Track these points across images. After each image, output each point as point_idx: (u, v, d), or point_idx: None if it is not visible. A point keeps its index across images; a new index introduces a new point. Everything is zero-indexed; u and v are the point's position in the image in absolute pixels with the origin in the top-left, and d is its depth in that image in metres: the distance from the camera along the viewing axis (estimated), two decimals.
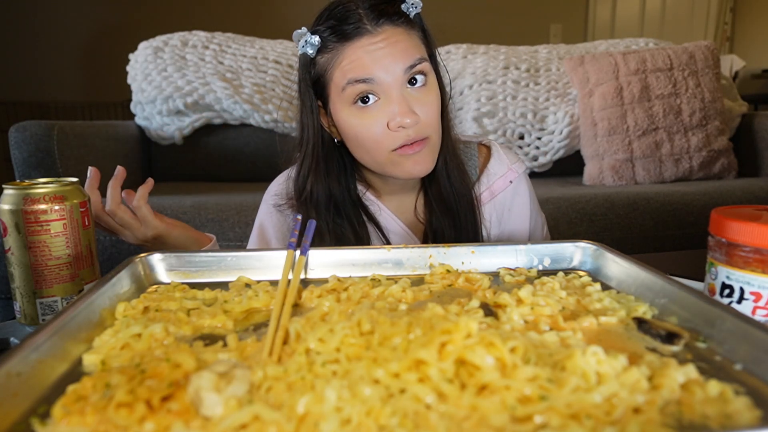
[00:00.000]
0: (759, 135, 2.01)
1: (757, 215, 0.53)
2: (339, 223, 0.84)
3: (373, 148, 0.78)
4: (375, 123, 0.76)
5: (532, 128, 2.00)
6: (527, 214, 0.94)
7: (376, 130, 0.76)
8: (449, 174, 0.86)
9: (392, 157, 0.78)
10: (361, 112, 0.76)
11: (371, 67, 0.74)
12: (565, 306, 0.50)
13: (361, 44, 0.75)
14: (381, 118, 0.76)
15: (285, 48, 2.06)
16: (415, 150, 0.77)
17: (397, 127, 0.75)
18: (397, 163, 0.78)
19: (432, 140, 0.79)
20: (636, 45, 2.20)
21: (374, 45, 0.74)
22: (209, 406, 0.33)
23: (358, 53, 0.75)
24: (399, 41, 0.76)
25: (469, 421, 0.32)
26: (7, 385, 0.35)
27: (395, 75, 0.75)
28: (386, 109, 0.75)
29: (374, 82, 0.75)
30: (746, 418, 0.33)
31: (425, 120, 0.77)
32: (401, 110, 0.75)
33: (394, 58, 0.75)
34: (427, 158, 0.79)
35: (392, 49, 0.75)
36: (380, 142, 0.77)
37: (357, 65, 0.75)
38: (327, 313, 0.47)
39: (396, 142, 0.76)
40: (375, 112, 0.76)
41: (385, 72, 0.74)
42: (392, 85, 0.75)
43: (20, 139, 1.54)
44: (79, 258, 0.66)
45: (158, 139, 1.99)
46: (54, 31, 3.10)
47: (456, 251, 0.64)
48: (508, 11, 3.59)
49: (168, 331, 0.45)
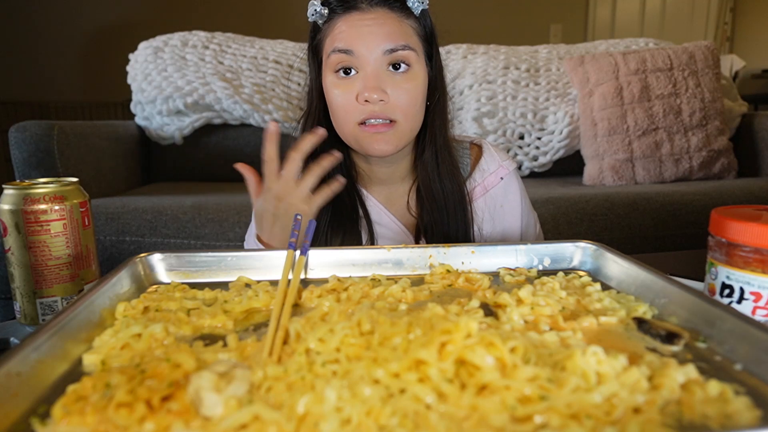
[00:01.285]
0: (759, 135, 2.01)
1: (757, 215, 0.53)
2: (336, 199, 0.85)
3: (342, 118, 0.82)
4: (347, 93, 0.80)
5: (532, 128, 1.99)
6: (519, 211, 0.95)
7: (346, 100, 0.80)
8: (440, 172, 0.88)
9: (356, 132, 0.81)
10: (340, 82, 0.81)
11: (353, 40, 0.79)
12: (565, 306, 0.50)
13: (351, 18, 0.80)
14: (353, 89, 0.80)
15: (285, 48, 2.06)
16: (377, 130, 0.80)
17: (364, 101, 0.79)
18: (361, 139, 0.82)
19: (399, 126, 0.81)
20: (636, 45, 2.20)
21: (362, 21, 0.79)
22: (209, 406, 0.33)
23: (346, 26, 0.80)
24: (387, 23, 0.80)
25: (469, 421, 0.32)
26: (7, 385, 0.35)
27: (374, 53, 0.79)
28: (359, 83, 0.80)
29: (353, 55, 0.79)
30: (746, 418, 0.33)
31: (395, 102, 0.80)
32: (369, 85, 0.78)
33: (376, 37, 0.79)
34: (390, 140, 0.82)
35: (377, 29, 0.79)
36: (348, 113, 0.81)
37: (342, 36, 0.80)
38: (327, 313, 0.47)
39: (360, 116, 0.80)
40: (350, 83, 0.80)
41: (365, 48, 0.78)
42: (369, 61, 0.79)
43: (20, 139, 1.54)
44: (79, 258, 0.66)
45: (158, 139, 1.99)
46: (54, 31, 3.10)
47: (456, 251, 0.64)
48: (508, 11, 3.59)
49: (168, 331, 0.45)
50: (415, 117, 0.83)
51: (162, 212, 1.42)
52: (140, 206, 1.45)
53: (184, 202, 1.47)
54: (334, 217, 0.86)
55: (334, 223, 0.86)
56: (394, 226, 0.90)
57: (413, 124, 0.83)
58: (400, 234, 0.90)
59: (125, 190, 1.86)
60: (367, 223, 0.88)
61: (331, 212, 0.86)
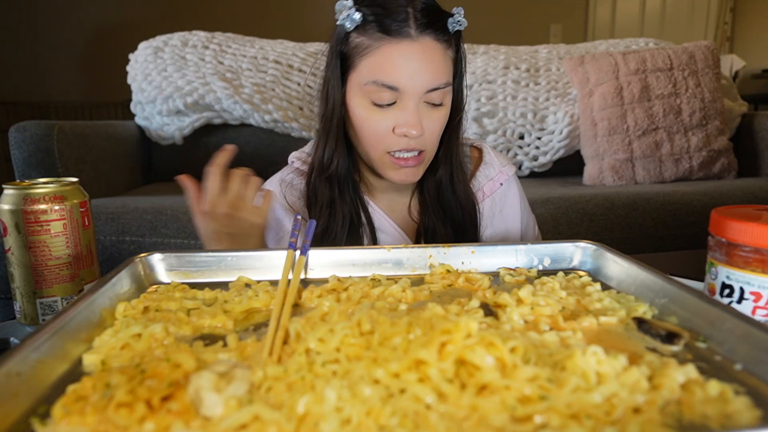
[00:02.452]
0: (759, 135, 2.01)
1: (757, 215, 0.53)
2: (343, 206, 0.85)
3: (372, 144, 0.79)
4: (382, 123, 0.77)
5: (532, 128, 1.99)
6: (518, 216, 0.95)
7: (380, 129, 0.77)
8: (455, 188, 0.87)
9: (385, 159, 0.80)
10: (373, 109, 0.77)
11: (400, 75, 0.75)
12: (565, 306, 0.50)
13: (400, 48, 0.74)
14: (389, 120, 0.77)
15: (285, 48, 2.06)
16: (409, 164, 0.79)
17: (402, 135, 0.77)
18: (388, 167, 0.80)
19: (427, 155, 0.81)
20: (636, 45, 2.20)
21: (412, 53, 0.74)
22: (209, 406, 0.33)
23: (393, 56, 0.74)
24: (435, 59, 0.76)
25: (469, 421, 0.32)
26: (7, 385, 0.35)
27: (418, 89, 0.76)
28: (397, 115, 0.77)
29: (398, 91, 0.75)
30: (746, 418, 0.33)
31: (428, 135, 0.79)
32: (412, 122, 0.76)
33: (424, 75, 0.75)
34: (417, 173, 0.82)
35: (426, 65, 0.75)
36: (380, 142, 0.78)
37: (388, 68, 0.75)
38: (327, 313, 0.47)
39: (395, 146, 0.78)
40: (386, 113, 0.77)
41: (411, 83, 0.75)
42: (412, 96, 0.76)
43: (20, 139, 1.54)
44: (79, 258, 0.66)
45: (158, 139, 1.99)
46: (54, 31, 3.10)
47: (456, 251, 0.64)
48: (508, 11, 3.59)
49: (168, 331, 0.45)
50: (437, 143, 0.83)
51: (162, 212, 1.42)
52: (140, 206, 1.45)
53: (184, 202, 1.47)
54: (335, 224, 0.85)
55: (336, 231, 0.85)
56: (395, 232, 0.90)
57: (435, 149, 0.83)
58: (400, 240, 0.90)
59: (125, 190, 1.86)
60: (370, 230, 0.87)
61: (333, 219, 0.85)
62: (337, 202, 0.85)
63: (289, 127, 1.94)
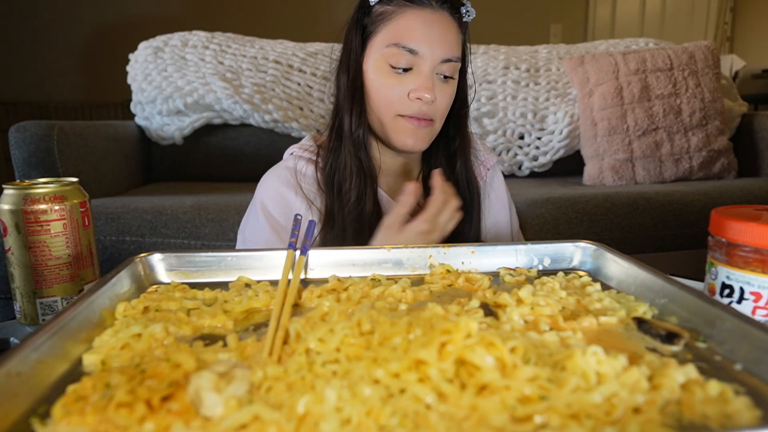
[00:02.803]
0: (759, 135, 2.01)
1: (757, 215, 0.53)
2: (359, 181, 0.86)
3: (384, 107, 0.82)
4: (397, 88, 0.80)
5: (532, 128, 1.99)
6: (506, 199, 0.99)
7: (394, 94, 0.81)
8: (468, 177, 0.90)
9: (397, 121, 0.82)
10: (390, 74, 0.81)
11: (422, 40, 0.79)
12: (565, 306, 0.50)
13: (423, 14, 0.79)
14: (405, 86, 0.80)
15: (285, 48, 2.06)
16: (420, 124, 0.82)
17: (416, 98, 0.80)
18: (398, 130, 0.82)
19: (435, 126, 0.84)
20: (636, 45, 2.20)
21: (432, 22, 0.79)
22: (209, 406, 0.33)
23: (417, 20, 0.79)
24: (451, 31, 0.81)
25: (469, 421, 0.32)
26: (7, 385, 0.35)
27: (436, 57, 0.79)
28: (413, 80, 0.80)
29: (417, 55, 0.79)
30: (746, 418, 0.33)
31: (437, 105, 0.82)
32: (426, 85, 0.79)
33: (442, 42, 0.79)
34: (425, 138, 0.84)
35: (444, 34, 0.80)
36: (393, 105, 0.81)
37: (410, 31, 0.79)
38: (327, 313, 0.47)
39: (407, 110, 0.81)
40: (402, 78, 0.80)
41: (430, 49, 0.79)
42: (428, 63, 0.79)
43: (20, 139, 1.54)
44: (79, 258, 0.66)
45: (158, 139, 1.99)
46: (54, 31, 3.10)
47: (456, 251, 0.64)
48: (508, 11, 3.59)
49: (168, 331, 0.45)
50: (444, 117, 0.86)
51: (162, 212, 1.42)
52: (140, 206, 1.45)
53: (184, 202, 1.47)
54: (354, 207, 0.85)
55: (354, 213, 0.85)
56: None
57: (441, 125, 0.86)
58: None
59: (125, 190, 1.86)
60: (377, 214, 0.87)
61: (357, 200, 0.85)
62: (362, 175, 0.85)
63: (289, 127, 1.94)
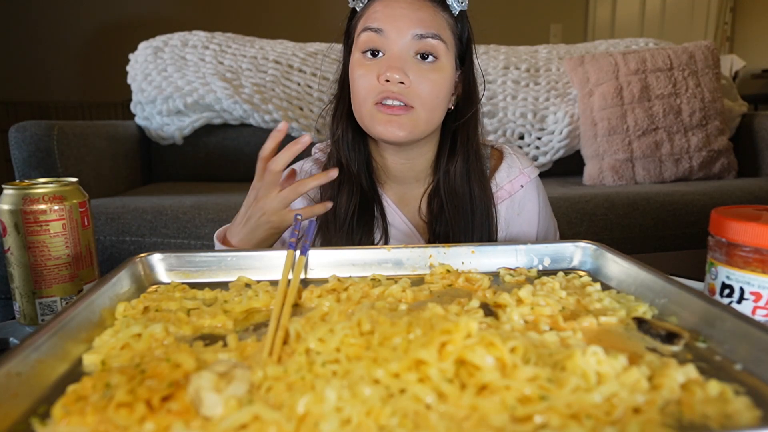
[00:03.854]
0: (759, 135, 2.01)
1: (757, 215, 0.53)
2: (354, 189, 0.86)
3: (362, 98, 0.80)
4: (370, 73, 0.79)
5: (532, 128, 1.99)
6: (536, 220, 0.93)
7: (367, 81, 0.79)
8: (470, 178, 0.86)
9: (372, 112, 0.80)
10: (365, 62, 0.80)
11: (384, 20, 0.79)
12: (565, 306, 0.50)
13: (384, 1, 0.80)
14: (376, 69, 0.79)
15: (285, 48, 2.06)
16: (393, 112, 0.78)
17: (384, 81, 0.78)
18: (376, 120, 0.80)
19: (416, 113, 0.79)
20: (636, 45, 2.20)
21: (397, 3, 0.79)
22: (209, 406, 0.33)
23: (380, 6, 0.80)
24: (421, 9, 0.79)
25: (469, 421, 0.32)
26: (7, 385, 0.35)
27: (403, 35, 0.78)
28: (383, 63, 0.79)
29: (383, 34, 0.78)
30: (746, 418, 0.33)
31: (415, 89, 0.78)
32: (393, 65, 0.77)
33: (408, 20, 0.78)
34: (404, 125, 0.79)
35: (410, 13, 0.79)
36: (368, 92, 0.80)
37: (374, 16, 0.80)
38: (327, 313, 0.47)
39: (378, 96, 0.78)
40: (375, 63, 0.80)
41: (395, 29, 0.78)
42: (397, 42, 0.78)
43: (20, 139, 1.54)
44: (78, 258, 0.66)
45: (158, 139, 1.99)
46: (54, 31, 3.10)
47: (456, 251, 0.64)
48: (508, 11, 3.59)
49: (168, 331, 0.45)
50: (434, 109, 0.81)
51: (162, 212, 1.42)
52: (140, 206, 1.45)
53: (184, 202, 1.47)
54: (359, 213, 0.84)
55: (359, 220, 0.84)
56: (406, 228, 0.88)
57: (431, 115, 0.81)
58: (412, 238, 0.88)
59: (125, 190, 1.86)
60: (383, 222, 0.86)
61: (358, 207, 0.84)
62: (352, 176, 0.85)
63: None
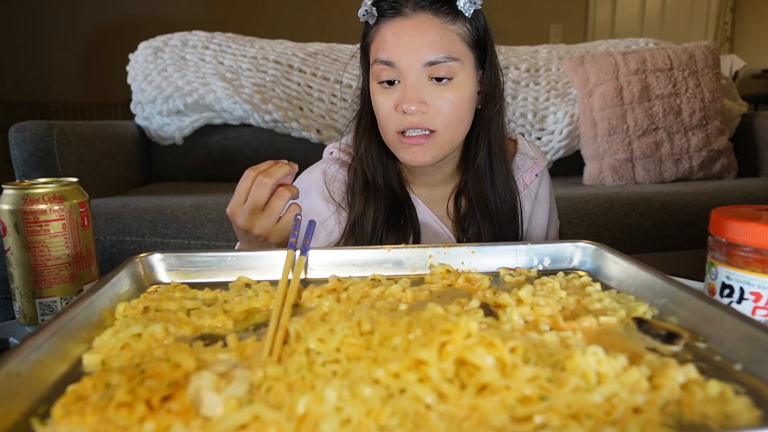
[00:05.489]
0: (759, 135, 2.01)
1: (757, 215, 0.53)
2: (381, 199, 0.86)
3: (384, 125, 0.81)
4: (387, 102, 0.79)
5: (532, 128, 1.99)
6: (547, 210, 0.94)
7: (387, 109, 0.80)
8: (494, 178, 0.86)
9: (396, 141, 0.81)
10: (383, 90, 0.80)
11: (394, 52, 0.77)
12: (565, 306, 0.50)
13: (394, 25, 0.78)
14: (393, 98, 0.79)
15: (285, 48, 2.06)
16: (413, 142, 0.79)
17: (402, 112, 0.78)
18: (399, 147, 0.81)
19: (439, 135, 0.79)
20: (636, 45, 2.20)
21: (403, 29, 0.77)
22: (209, 406, 0.33)
23: (387, 34, 0.78)
24: (428, 32, 0.77)
25: (469, 421, 0.32)
26: (7, 385, 0.35)
27: (414, 64, 0.77)
28: (399, 92, 0.78)
29: (395, 66, 0.78)
30: (746, 418, 0.33)
31: (435, 112, 0.78)
32: (409, 96, 0.77)
33: (417, 48, 0.76)
34: (427, 152, 0.80)
35: (418, 38, 0.77)
36: (389, 122, 0.80)
37: (384, 46, 0.78)
38: (327, 313, 0.47)
39: (399, 126, 0.79)
40: (392, 92, 0.79)
41: (406, 60, 0.77)
42: (410, 71, 0.77)
43: (20, 139, 1.54)
44: (78, 258, 0.66)
45: (158, 139, 1.99)
46: (54, 31, 3.10)
47: (456, 251, 0.64)
48: (508, 11, 3.59)
49: (168, 331, 0.45)
50: (457, 126, 0.80)
51: (162, 212, 1.42)
52: (140, 206, 1.45)
53: (184, 202, 1.47)
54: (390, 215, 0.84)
55: (390, 221, 0.84)
56: (437, 227, 0.88)
57: (454, 133, 0.81)
58: (443, 237, 0.88)
59: (125, 190, 1.86)
60: (413, 223, 0.86)
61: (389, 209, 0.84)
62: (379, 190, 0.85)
63: (289, 127, 1.94)
